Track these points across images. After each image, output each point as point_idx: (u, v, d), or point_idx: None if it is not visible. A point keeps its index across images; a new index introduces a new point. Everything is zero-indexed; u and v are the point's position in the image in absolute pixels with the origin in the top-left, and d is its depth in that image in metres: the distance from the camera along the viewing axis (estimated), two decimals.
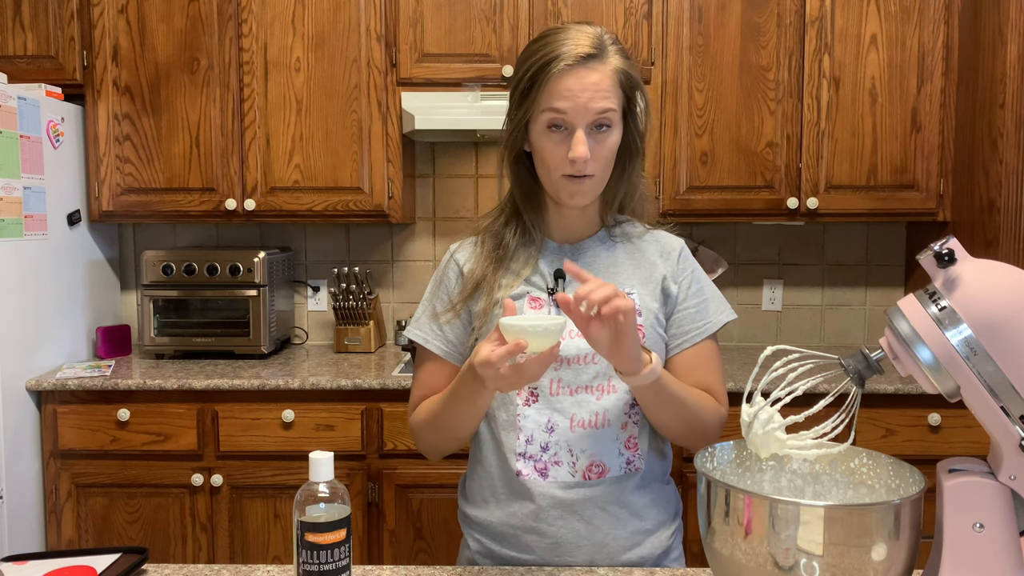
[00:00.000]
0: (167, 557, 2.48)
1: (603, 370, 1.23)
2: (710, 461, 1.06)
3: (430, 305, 1.35)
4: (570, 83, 1.16)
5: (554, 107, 1.17)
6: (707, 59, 2.65)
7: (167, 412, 2.44)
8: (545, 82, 1.17)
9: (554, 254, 1.29)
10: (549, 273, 1.27)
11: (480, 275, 1.28)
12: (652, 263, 1.31)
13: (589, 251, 1.30)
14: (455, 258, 1.34)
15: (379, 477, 2.45)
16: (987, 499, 0.88)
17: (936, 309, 0.87)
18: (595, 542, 1.22)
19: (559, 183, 1.21)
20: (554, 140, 1.19)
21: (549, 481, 1.22)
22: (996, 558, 0.87)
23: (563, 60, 1.16)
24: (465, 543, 1.34)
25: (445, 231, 3.06)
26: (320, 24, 2.64)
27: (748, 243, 3.05)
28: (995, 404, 0.86)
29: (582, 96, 1.16)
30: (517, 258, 1.28)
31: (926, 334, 0.87)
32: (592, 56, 1.18)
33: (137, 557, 1.16)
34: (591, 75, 1.17)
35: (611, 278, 1.28)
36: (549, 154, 1.20)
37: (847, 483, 1.05)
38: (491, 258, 1.28)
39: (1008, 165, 2.33)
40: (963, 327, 0.86)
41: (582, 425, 1.23)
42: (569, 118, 1.17)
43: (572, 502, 1.22)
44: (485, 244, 1.31)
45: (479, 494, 1.30)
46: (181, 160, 2.69)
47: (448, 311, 1.30)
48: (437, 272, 1.37)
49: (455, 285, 1.32)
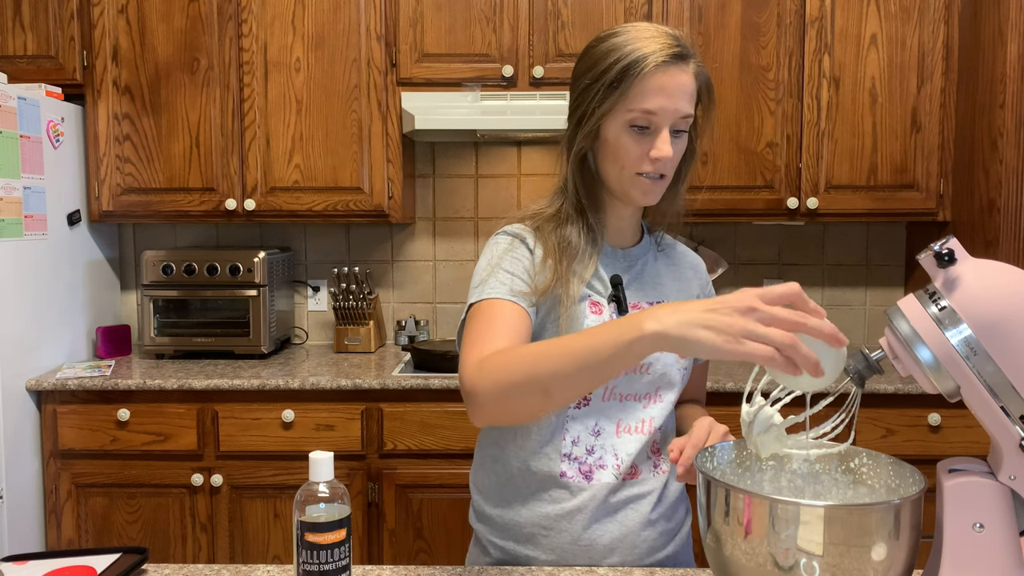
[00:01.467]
0: (167, 557, 2.48)
1: (655, 380, 1.23)
2: (710, 461, 1.05)
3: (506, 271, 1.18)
4: (663, 81, 1.13)
5: (646, 108, 1.13)
6: (707, 59, 2.64)
7: (167, 412, 2.44)
8: (638, 78, 1.12)
9: (611, 259, 1.27)
10: (606, 277, 1.25)
11: (556, 273, 1.19)
12: (687, 277, 1.33)
13: (639, 259, 1.30)
14: (527, 243, 1.22)
15: (379, 477, 2.45)
16: (987, 499, 0.88)
17: (936, 309, 0.87)
18: (628, 544, 1.22)
19: (632, 181, 1.18)
20: (634, 138, 1.16)
21: (593, 483, 1.21)
22: (996, 558, 0.87)
23: (658, 56, 1.12)
24: (477, 542, 1.32)
25: (445, 231, 3.06)
26: (320, 24, 2.64)
27: (748, 243, 3.05)
28: (995, 404, 0.86)
29: (674, 96, 1.13)
30: (582, 259, 1.22)
31: (926, 334, 0.87)
32: (682, 57, 1.15)
33: (137, 557, 1.16)
34: (681, 75, 1.14)
35: (656, 288, 1.28)
36: (627, 152, 1.16)
37: (847, 483, 1.05)
38: (561, 255, 1.21)
39: (1008, 165, 2.33)
40: (963, 327, 0.86)
41: (628, 431, 1.23)
42: (658, 118, 1.14)
43: (612, 505, 1.22)
44: (550, 240, 1.22)
45: (500, 493, 1.27)
46: (181, 160, 2.69)
47: (529, 294, 1.17)
48: (500, 247, 1.22)
49: (529, 264, 1.20)
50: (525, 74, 2.65)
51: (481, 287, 1.17)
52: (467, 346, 1.11)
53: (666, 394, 1.25)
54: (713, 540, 0.94)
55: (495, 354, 1.04)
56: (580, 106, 1.19)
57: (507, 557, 1.25)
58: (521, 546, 1.24)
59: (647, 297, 1.27)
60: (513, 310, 1.14)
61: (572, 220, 1.23)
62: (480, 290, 1.17)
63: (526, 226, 1.25)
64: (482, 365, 1.04)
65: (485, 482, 1.30)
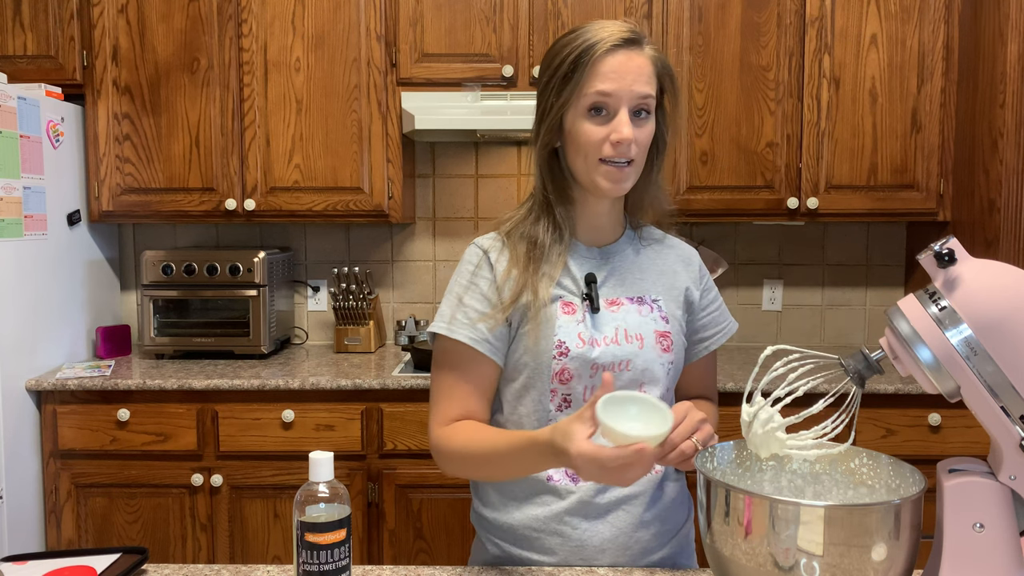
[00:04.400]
0: (167, 557, 2.48)
1: (636, 377, 1.23)
2: (710, 461, 1.06)
3: (471, 304, 1.23)
4: (614, 63, 1.15)
5: (599, 89, 1.15)
6: (707, 59, 2.65)
7: (167, 412, 2.44)
8: (589, 64, 1.15)
9: (583, 256, 1.27)
10: (579, 276, 1.25)
11: (523, 280, 1.22)
12: (675, 271, 1.31)
13: (618, 255, 1.29)
14: (489, 257, 1.25)
15: (379, 477, 2.45)
16: (987, 499, 0.88)
17: (936, 309, 0.87)
18: (619, 545, 1.22)
19: (597, 169, 1.18)
20: (594, 122, 1.17)
21: (580, 485, 1.22)
22: (996, 558, 0.87)
23: (608, 41, 1.15)
24: (479, 543, 1.33)
25: (445, 231, 3.06)
26: (320, 24, 2.64)
27: (748, 243, 3.05)
28: (995, 404, 0.86)
29: (627, 77, 1.15)
30: (549, 257, 1.23)
31: (926, 334, 0.87)
32: (633, 41, 1.17)
33: (137, 557, 1.16)
34: (634, 58, 1.17)
35: (638, 284, 1.28)
36: (588, 138, 1.17)
37: (847, 483, 1.05)
38: (527, 259, 1.23)
39: (1008, 165, 2.33)
40: (963, 327, 0.86)
41: None
42: (613, 100, 1.15)
43: (600, 506, 1.22)
44: (518, 246, 1.25)
45: (496, 496, 1.28)
46: (181, 160, 2.69)
47: (492, 316, 1.22)
48: (466, 269, 1.26)
49: (493, 286, 1.24)
50: (525, 74, 2.65)
51: (449, 323, 1.23)
52: (433, 402, 1.25)
53: (650, 390, 1.24)
54: (713, 540, 0.94)
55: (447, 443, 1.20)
56: (541, 103, 1.22)
57: (505, 555, 1.26)
58: (516, 547, 1.25)
59: (627, 292, 1.26)
60: (474, 359, 1.22)
61: (540, 218, 1.25)
62: (449, 327, 1.22)
63: (497, 235, 1.28)
64: (438, 449, 1.22)
65: (481, 485, 1.32)
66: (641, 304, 1.25)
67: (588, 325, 1.21)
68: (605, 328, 1.22)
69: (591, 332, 1.21)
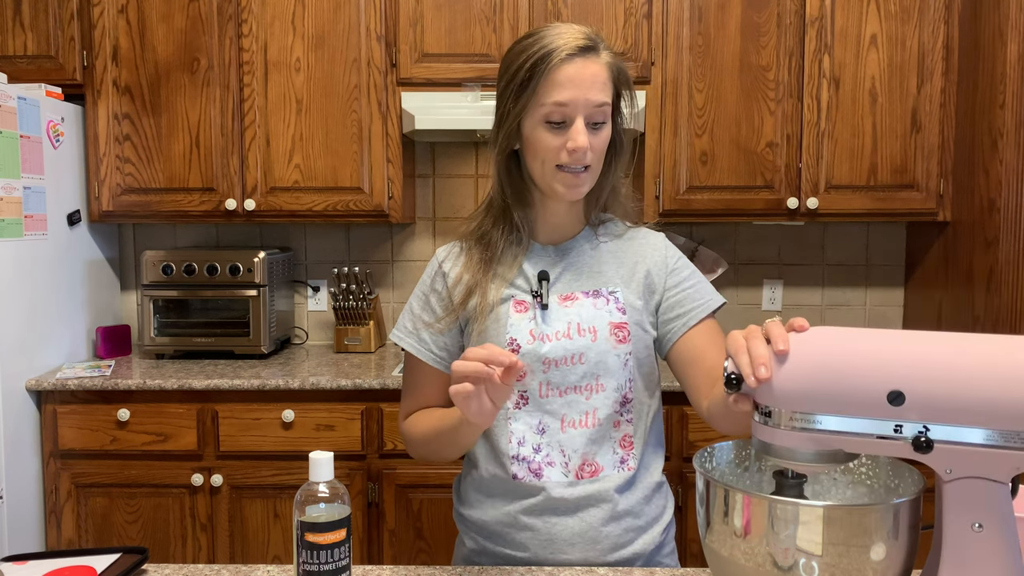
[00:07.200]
0: (167, 557, 2.48)
1: (590, 370, 1.23)
2: (709, 461, 1.06)
3: (419, 314, 1.32)
4: (571, 73, 1.16)
5: (555, 100, 1.16)
6: (707, 59, 2.65)
7: (167, 412, 2.44)
8: (545, 73, 1.16)
9: (539, 255, 1.29)
10: (533, 275, 1.27)
11: (472, 283, 1.27)
12: (634, 261, 1.30)
13: (574, 251, 1.30)
14: (442, 267, 1.32)
15: (379, 477, 2.45)
16: (987, 499, 0.88)
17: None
18: (588, 539, 1.23)
19: (554, 175, 1.20)
20: (551, 132, 1.18)
21: (543, 481, 1.23)
22: (996, 558, 0.87)
23: (563, 51, 1.16)
24: (460, 540, 1.36)
25: (445, 231, 3.06)
26: (320, 24, 2.64)
27: (748, 243, 3.05)
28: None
29: (583, 85, 1.16)
30: (504, 260, 1.27)
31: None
32: (589, 48, 1.18)
33: (137, 557, 1.16)
34: (590, 66, 1.17)
35: (596, 277, 1.28)
36: (545, 146, 1.19)
37: (846, 483, 1.05)
38: (481, 262, 1.27)
39: (1008, 165, 2.33)
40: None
41: (573, 425, 1.23)
42: (569, 110, 1.16)
43: (566, 501, 1.22)
44: (473, 251, 1.29)
45: (473, 494, 1.31)
46: (181, 160, 2.69)
47: (441, 321, 1.29)
48: (424, 279, 1.34)
49: (444, 293, 1.30)
50: None
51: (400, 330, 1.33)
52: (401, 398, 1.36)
53: (607, 381, 1.23)
54: (712, 540, 0.94)
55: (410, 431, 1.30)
56: (500, 107, 1.23)
57: (481, 548, 1.29)
58: (490, 542, 1.28)
59: (583, 287, 1.27)
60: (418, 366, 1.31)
61: (497, 221, 1.28)
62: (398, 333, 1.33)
63: (456, 242, 1.33)
64: (405, 438, 1.33)
65: (461, 483, 1.36)
66: (597, 297, 1.26)
67: (539, 321, 1.23)
68: (557, 323, 1.23)
69: (541, 328, 1.23)
